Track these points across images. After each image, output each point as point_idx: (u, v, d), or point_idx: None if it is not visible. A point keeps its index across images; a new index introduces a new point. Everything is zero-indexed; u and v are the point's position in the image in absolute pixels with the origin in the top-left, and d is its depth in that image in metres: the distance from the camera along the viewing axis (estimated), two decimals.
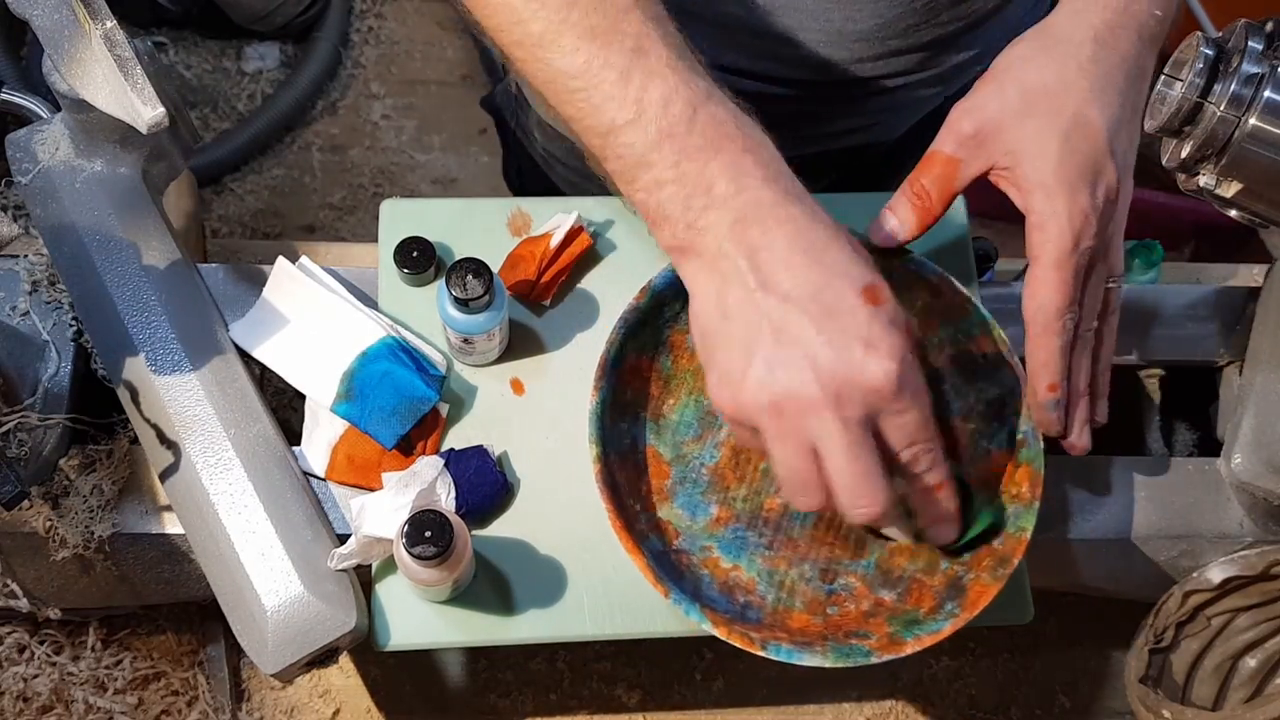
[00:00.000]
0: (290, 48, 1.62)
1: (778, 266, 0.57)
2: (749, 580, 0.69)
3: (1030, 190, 0.63)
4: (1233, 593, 0.80)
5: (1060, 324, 0.64)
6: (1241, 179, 0.56)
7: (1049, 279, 0.63)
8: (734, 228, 0.57)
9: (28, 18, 0.65)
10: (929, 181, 0.66)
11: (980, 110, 0.65)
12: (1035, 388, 0.66)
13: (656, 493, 0.70)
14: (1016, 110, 0.63)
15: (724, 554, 0.70)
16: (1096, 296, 0.66)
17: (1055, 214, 0.62)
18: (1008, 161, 0.64)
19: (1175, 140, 0.60)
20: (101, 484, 0.74)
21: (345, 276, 0.79)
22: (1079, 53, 0.63)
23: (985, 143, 0.64)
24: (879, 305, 0.57)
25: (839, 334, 0.56)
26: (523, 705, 1.01)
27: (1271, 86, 0.54)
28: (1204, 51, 0.56)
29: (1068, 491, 0.81)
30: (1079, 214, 0.62)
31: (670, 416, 0.72)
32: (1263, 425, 0.80)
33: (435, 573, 0.64)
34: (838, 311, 0.56)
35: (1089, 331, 0.67)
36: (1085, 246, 0.63)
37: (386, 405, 0.71)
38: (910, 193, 0.67)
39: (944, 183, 0.66)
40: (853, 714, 1.04)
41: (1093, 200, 0.62)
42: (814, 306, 0.56)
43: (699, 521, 0.71)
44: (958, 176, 0.66)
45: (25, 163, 0.75)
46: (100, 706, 0.94)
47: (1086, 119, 0.62)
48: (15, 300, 0.76)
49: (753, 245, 0.57)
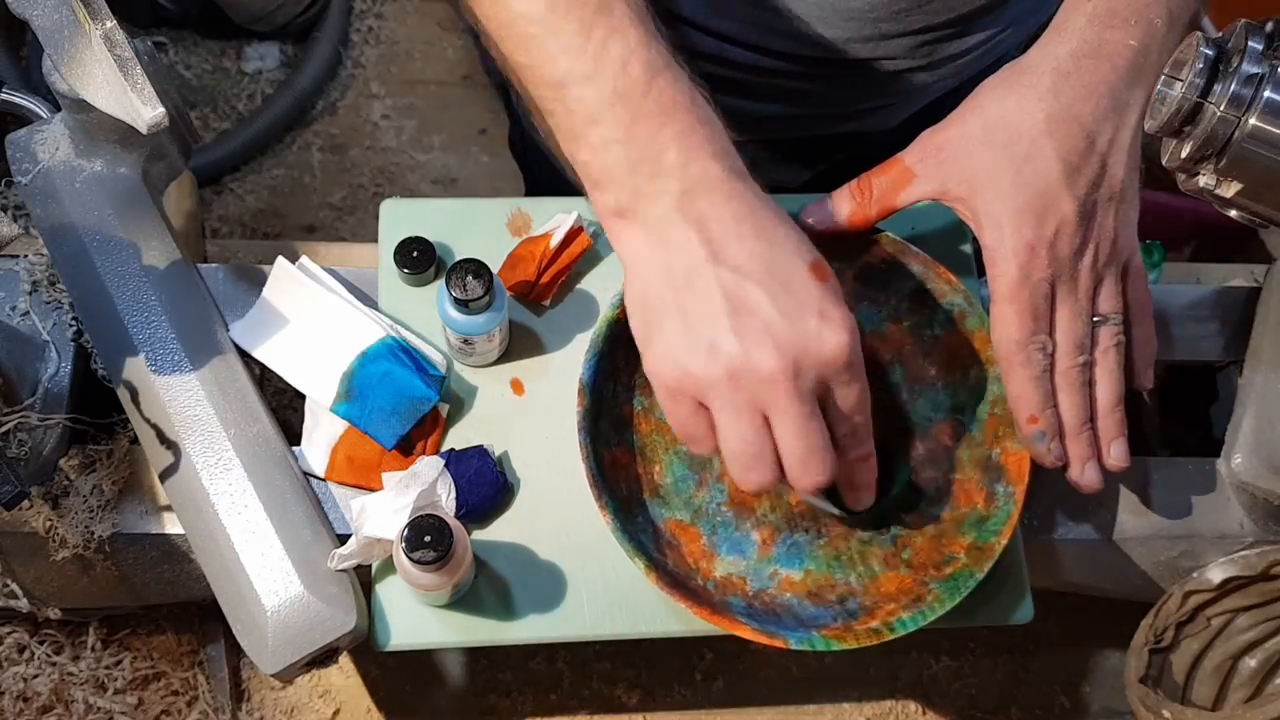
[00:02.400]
0: (290, 48, 1.62)
1: (729, 239, 0.57)
2: (824, 576, 0.70)
3: (982, 225, 0.64)
4: (1233, 593, 0.80)
5: (1025, 355, 0.64)
6: (1241, 179, 0.56)
7: (1004, 312, 0.64)
8: (682, 198, 0.57)
9: (28, 18, 0.65)
10: (878, 183, 0.67)
11: (944, 134, 0.65)
12: (1018, 421, 0.67)
13: (703, 557, 0.70)
14: (975, 139, 0.64)
15: (790, 568, 0.70)
16: (1074, 330, 0.65)
17: (1002, 246, 0.63)
18: (962, 191, 0.64)
19: (1175, 140, 0.59)
20: (101, 484, 0.74)
21: (345, 276, 0.79)
22: (1039, 84, 0.63)
23: (942, 164, 0.65)
24: (825, 281, 0.58)
25: (794, 306, 0.56)
26: (523, 705, 1.01)
27: (1271, 86, 0.54)
28: (1204, 51, 0.56)
29: (1068, 492, 0.81)
30: (1024, 247, 0.63)
31: (665, 482, 0.72)
32: (1263, 425, 0.80)
33: (435, 577, 0.64)
34: (791, 284, 0.57)
35: (1074, 368, 0.66)
36: (1038, 278, 0.63)
37: (386, 405, 0.71)
38: (855, 187, 0.68)
39: (891, 189, 0.67)
40: (853, 714, 1.04)
41: (1039, 232, 0.63)
42: (768, 279, 0.56)
43: (751, 555, 0.71)
44: (907, 188, 0.66)
45: (25, 163, 0.75)
46: (100, 706, 0.94)
47: (1040, 152, 0.62)
48: (15, 300, 0.76)
49: (702, 216, 0.57)
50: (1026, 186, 0.62)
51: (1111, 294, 0.66)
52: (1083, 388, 0.66)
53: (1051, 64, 0.63)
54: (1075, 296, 0.65)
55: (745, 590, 0.69)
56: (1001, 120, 0.63)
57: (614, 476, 0.69)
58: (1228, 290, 0.89)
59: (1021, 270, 0.63)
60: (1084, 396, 0.67)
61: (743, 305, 0.56)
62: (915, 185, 0.66)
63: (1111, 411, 0.68)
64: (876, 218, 0.68)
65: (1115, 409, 0.68)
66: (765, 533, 0.71)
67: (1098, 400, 0.67)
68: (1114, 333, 0.67)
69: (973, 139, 0.64)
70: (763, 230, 0.58)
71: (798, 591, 0.69)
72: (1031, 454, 0.68)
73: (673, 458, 0.72)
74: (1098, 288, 0.66)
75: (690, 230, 0.57)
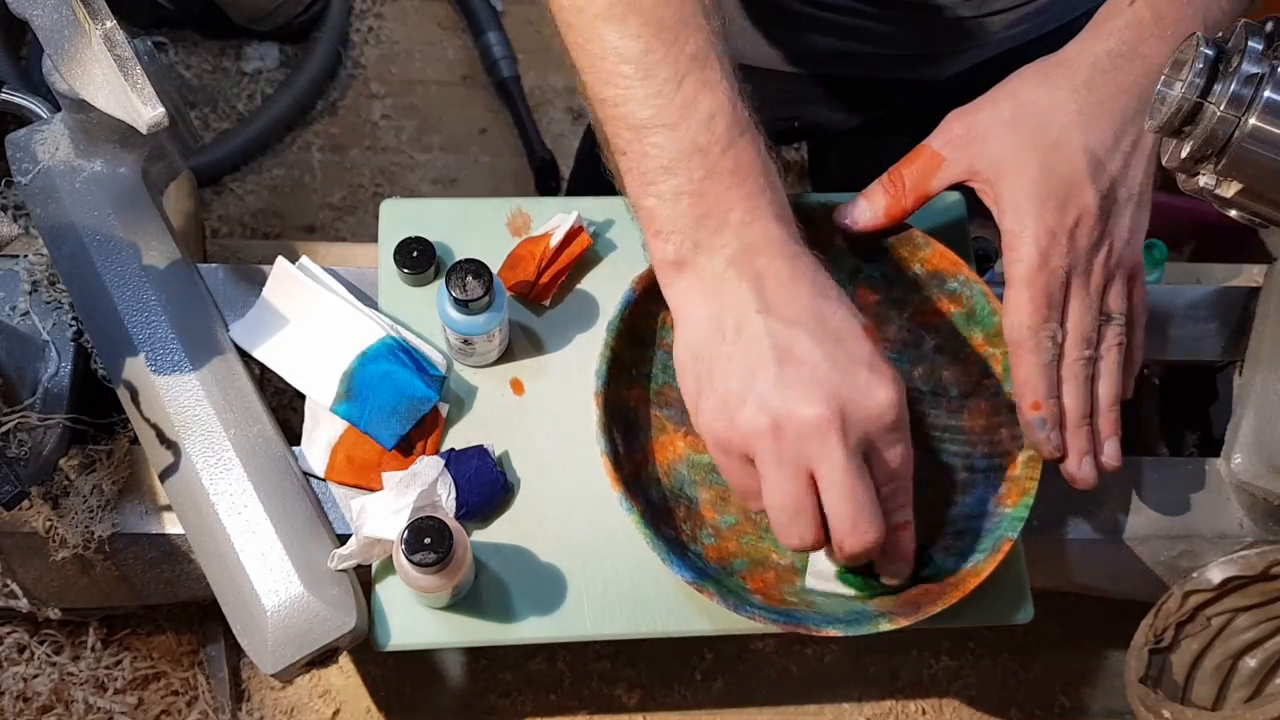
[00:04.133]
0: (290, 48, 1.62)
1: (782, 294, 0.57)
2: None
3: (1005, 209, 0.64)
4: (1233, 593, 0.80)
5: (1036, 341, 0.64)
6: (1241, 179, 0.56)
7: (1019, 296, 0.64)
8: (740, 254, 0.57)
9: (28, 18, 0.65)
10: (909, 173, 0.67)
11: (972, 116, 0.66)
12: (1021, 407, 0.67)
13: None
14: (1006, 122, 0.64)
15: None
16: (1084, 323, 0.66)
17: (1023, 231, 0.63)
18: (990, 173, 0.65)
19: (1175, 140, 0.59)
20: (101, 484, 0.74)
21: (345, 276, 0.79)
22: (1074, 77, 0.64)
23: (970, 145, 0.65)
24: (877, 342, 0.58)
25: (845, 358, 0.56)
26: (523, 705, 1.01)
27: (1271, 86, 0.54)
28: (1204, 51, 0.56)
29: (1067, 492, 0.81)
30: (1045, 233, 0.63)
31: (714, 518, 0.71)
32: (1263, 425, 0.80)
33: (435, 579, 0.64)
34: (842, 338, 0.56)
35: (1080, 361, 0.66)
36: (1056, 265, 0.63)
37: (386, 405, 0.71)
38: (887, 180, 0.68)
39: (922, 177, 0.67)
40: (853, 714, 1.04)
41: (1061, 220, 0.63)
42: (819, 330, 0.56)
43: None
44: (938, 174, 0.66)
45: (25, 163, 0.75)
46: (100, 706, 0.94)
47: (1069, 141, 0.63)
48: (15, 300, 0.76)
49: (758, 272, 0.57)
50: (1052, 174, 0.63)
51: (1119, 294, 0.67)
52: (1086, 381, 0.67)
53: (1089, 60, 0.64)
54: (1087, 290, 0.65)
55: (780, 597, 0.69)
56: (1034, 107, 0.64)
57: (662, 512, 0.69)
58: (1228, 290, 0.89)
59: (1041, 255, 0.63)
60: (1087, 390, 0.67)
61: (791, 355, 0.55)
62: (945, 169, 0.66)
63: (1109, 409, 0.68)
64: (913, 207, 0.68)
65: (1113, 407, 0.68)
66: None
67: (1100, 398, 0.68)
68: (1118, 332, 0.67)
69: (1003, 123, 0.64)
70: (817, 288, 0.58)
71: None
72: (1029, 441, 0.68)
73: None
74: (1108, 286, 0.66)
75: (745, 283, 0.57)
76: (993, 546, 0.67)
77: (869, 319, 0.60)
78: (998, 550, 0.66)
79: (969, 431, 0.73)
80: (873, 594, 0.67)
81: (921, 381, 0.74)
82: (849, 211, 0.69)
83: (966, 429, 0.73)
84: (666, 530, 0.67)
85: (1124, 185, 0.65)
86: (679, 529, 0.69)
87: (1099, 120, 0.63)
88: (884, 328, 0.75)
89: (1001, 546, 0.66)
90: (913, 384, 0.74)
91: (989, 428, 0.72)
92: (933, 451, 0.73)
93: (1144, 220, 0.67)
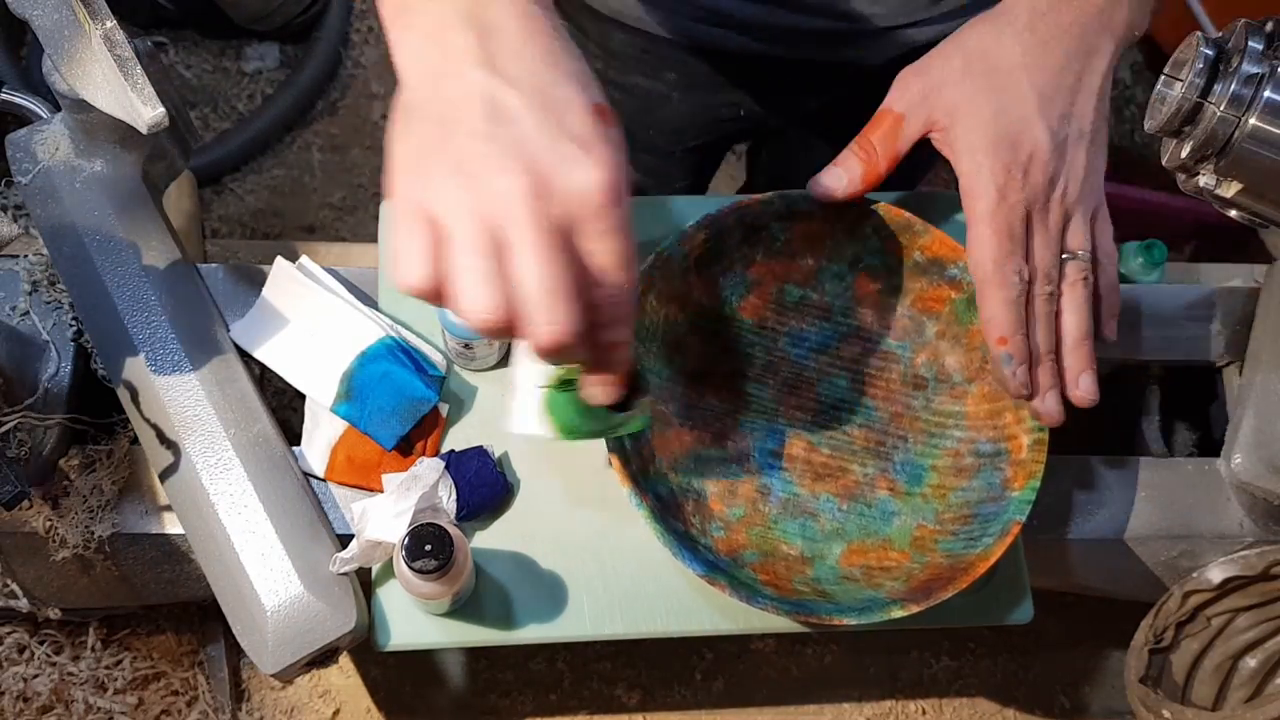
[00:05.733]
0: (290, 48, 1.62)
1: (508, 54, 0.51)
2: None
3: (960, 152, 0.66)
4: (1233, 593, 0.80)
5: (1002, 276, 0.65)
6: (1241, 179, 0.56)
7: (982, 233, 0.65)
8: (471, 5, 0.52)
9: (28, 18, 0.65)
10: (877, 137, 0.68)
11: (925, 72, 0.67)
12: (988, 343, 0.67)
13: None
14: (957, 70, 0.66)
15: None
16: (1045, 259, 0.67)
17: (979, 171, 0.65)
18: (946, 121, 0.66)
19: (1175, 140, 0.59)
20: (101, 484, 0.74)
21: (345, 276, 0.79)
22: (1016, 21, 0.66)
23: (927, 98, 0.67)
24: (605, 123, 0.52)
25: (556, 127, 0.50)
26: (523, 705, 1.01)
27: (1271, 86, 0.54)
28: (1204, 51, 0.56)
29: (1068, 491, 0.81)
30: (1000, 169, 0.64)
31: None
32: (1263, 425, 0.80)
33: (436, 586, 0.64)
34: (562, 109, 0.51)
35: (1041, 297, 0.67)
36: (1014, 200, 0.65)
37: (386, 406, 0.71)
38: (857, 147, 0.69)
39: (890, 138, 0.68)
40: (853, 714, 1.04)
41: (1015, 156, 0.65)
42: (538, 97, 0.51)
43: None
44: (902, 133, 0.68)
45: (25, 163, 0.75)
46: (100, 706, 0.94)
47: (1017, 82, 0.65)
48: (15, 300, 0.76)
49: (486, 25, 0.52)
50: (1004, 114, 0.65)
51: (1080, 232, 0.68)
52: (1050, 317, 0.68)
53: (1028, 4, 0.66)
54: (1046, 227, 0.67)
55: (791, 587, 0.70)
56: (981, 53, 0.66)
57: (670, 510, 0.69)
58: (1228, 290, 0.89)
59: (999, 191, 0.65)
60: (1051, 326, 0.68)
61: (501, 114, 0.50)
62: (908, 126, 0.68)
63: (1079, 344, 0.69)
64: (887, 170, 0.69)
65: (1083, 342, 0.69)
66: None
67: (1066, 332, 0.68)
68: (1081, 268, 0.68)
69: (954, 71, 0.66)
70: (550, 56, 0.52)
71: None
72: (996, 377, 0.68)
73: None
74: (1066, 224, 0.68)
75: (470, 34, 0.51)
76: (1001, 530, 0.67)
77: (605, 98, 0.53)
78: (1006, 534, 0.67)
79: (973, 417, 0.73)
80: (575, 436, 0.61)
81: (924, 368, 0.75)
82: (824, 180, 0.70)
83: (970, 414, 0.73)
84: (676, 525, 0.67)
85: (1074, 122, 0.66)
86: (688, 523, 0.69)
87: (1043, 60, 0.65)
88: (886, 315, 0.75)
89: (1010, 530, 0.67)
90: (916, 371, 0.75)
91: (993, 413, 0.72)
92: (938, 437, 0.73)
93: (1100, 161, 0.68)
